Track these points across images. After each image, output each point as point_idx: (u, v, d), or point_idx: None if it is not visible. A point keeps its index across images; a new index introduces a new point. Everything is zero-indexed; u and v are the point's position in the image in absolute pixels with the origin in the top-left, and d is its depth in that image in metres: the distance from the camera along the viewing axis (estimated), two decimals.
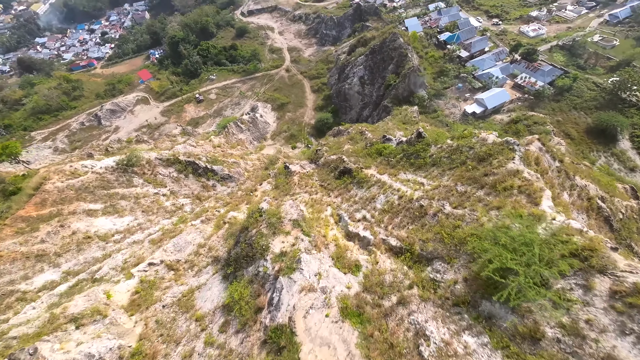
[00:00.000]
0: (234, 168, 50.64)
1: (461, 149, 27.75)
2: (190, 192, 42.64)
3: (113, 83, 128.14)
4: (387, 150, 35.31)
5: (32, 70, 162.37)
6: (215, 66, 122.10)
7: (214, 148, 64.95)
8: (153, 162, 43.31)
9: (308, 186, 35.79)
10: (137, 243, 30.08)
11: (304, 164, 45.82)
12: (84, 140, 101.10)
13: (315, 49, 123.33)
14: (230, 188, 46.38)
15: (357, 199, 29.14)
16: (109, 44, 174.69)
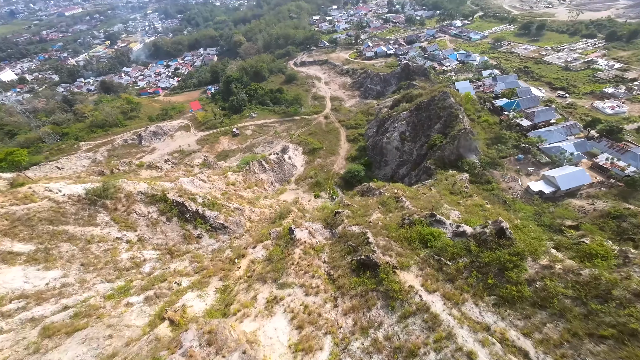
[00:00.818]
0: (233, 216, 39.38)
1: (598, 286, 13.29)
2: (164, 242, 31.65)
3: (167, 109, 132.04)
4: (439, 242, 21.71)
5: (110, 92, 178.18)
6: (259, 105, 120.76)
7: (227, 186, 55.33)
8: (134, 196, 33.87)
9: (309, 273, 22.73)
10: (22, 328, 18.52)
11: (316, 229, 33.05)
12: (121, 156, 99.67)
13: (357, 100, 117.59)
14: (219, 243, 34.63)
15: (382, 336, 15.31)
16: (177, 78, 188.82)
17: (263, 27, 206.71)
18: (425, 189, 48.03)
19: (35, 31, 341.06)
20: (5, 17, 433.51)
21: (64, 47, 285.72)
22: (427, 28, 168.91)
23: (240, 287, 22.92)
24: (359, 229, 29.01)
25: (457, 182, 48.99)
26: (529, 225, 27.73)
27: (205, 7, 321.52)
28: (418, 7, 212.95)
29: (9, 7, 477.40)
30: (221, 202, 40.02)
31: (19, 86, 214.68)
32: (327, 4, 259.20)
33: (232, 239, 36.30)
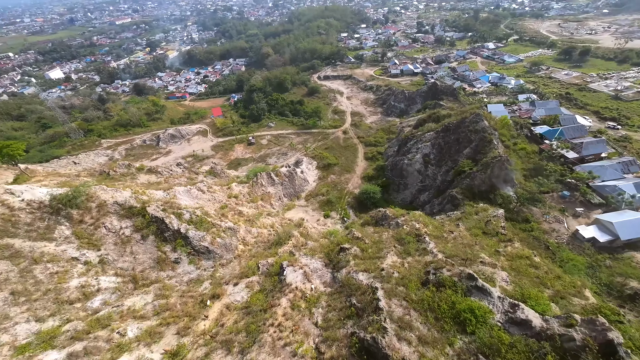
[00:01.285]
0: (223, 238, 33.33)
1: None
2: (131, 266, 26.03)
3: (189, 113, 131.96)
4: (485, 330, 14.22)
5: (142, 94, 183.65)
6: (278, 115, 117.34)
7: (228, 198, 49.84)
8: (107, 207, 28.88)
9: (290, 347, 15.63)
10: None
11: (314, 269, 26.15)
12: (137, 155, 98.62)
13: (379, 117, 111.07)
14: (199, 271, 28.52)
15: None
16: (205, 85, 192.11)
17: (292, 41, 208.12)
18: (452, 224, 39.82)
19: (88, 36, 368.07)
20: (66, 23, 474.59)
21: (109, 51, 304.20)
22: (458, 49, 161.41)
23: (196, 354, 16.48)
24: (367, 278, 21.88)
25: (492, 220, 40.39)
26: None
27: (239, 21, 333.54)
28: (449, 28, 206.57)
29: (70, 15, 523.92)
30: (212, 220, 34.20)
31: (63, 84, 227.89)
32: (356, 23, 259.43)
33: (216, 266, 30.10)
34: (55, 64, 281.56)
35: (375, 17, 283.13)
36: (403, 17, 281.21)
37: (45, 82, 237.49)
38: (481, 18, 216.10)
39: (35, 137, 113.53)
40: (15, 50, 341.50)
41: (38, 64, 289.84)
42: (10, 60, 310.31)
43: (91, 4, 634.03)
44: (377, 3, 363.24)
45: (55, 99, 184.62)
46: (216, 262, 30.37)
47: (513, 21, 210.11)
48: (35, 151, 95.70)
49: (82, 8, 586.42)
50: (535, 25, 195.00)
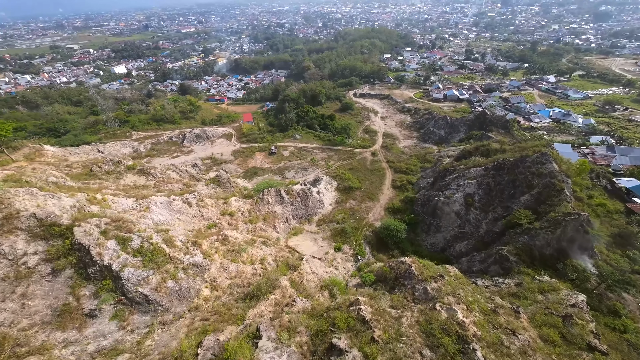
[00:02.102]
0: (179, 280, 23.60)
1: None
2: (11, 320, 17.10)
3: (222, 116, 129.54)
4: None
5: (186, 93, 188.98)
6: (305, 128, 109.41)
7: (221, 216, 40.84)
8: (18, 220, 20.72)
9: None
10: None
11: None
12: (160, 151, 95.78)
13: (414, 142, 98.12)
14: (121, 334, 18.84)
15: None
16: (244, 91, 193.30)
17: (333, 57, 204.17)
18: (508, 310, 26.31)
19: (155, 40, 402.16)
20: (141, 28, 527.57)
21: (169, 54, 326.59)
22: (511, 79, 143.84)
23: None
24: None
25: (572, 314, 26.17)
26: None
27: (288, 37, 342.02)
28: (501, 58, 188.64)
29: (146, 22, 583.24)
30: (171, 252, 24.88)
31: (124, 78, 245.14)
32: (401, 46, 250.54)
33: (153, 326, 20.28)
34: (123, 61, 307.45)
35: (421, 41, 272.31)
36: (451, 44, 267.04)
37: (110, 75, 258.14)
38: (539, 50, 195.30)
39: (81, 122, 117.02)
40: (95, 47, 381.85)
41: (109, 60, 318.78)
42: (89, 55, 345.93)
43: (165, 14, 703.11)
44: (425, 30, 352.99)
45: (113, 90, 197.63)
46: (156, 319, 20.69)
47: (577, 56, 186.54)
48: (71, 135, 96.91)
49: (158, 17, 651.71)
50: (605, 62, 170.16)
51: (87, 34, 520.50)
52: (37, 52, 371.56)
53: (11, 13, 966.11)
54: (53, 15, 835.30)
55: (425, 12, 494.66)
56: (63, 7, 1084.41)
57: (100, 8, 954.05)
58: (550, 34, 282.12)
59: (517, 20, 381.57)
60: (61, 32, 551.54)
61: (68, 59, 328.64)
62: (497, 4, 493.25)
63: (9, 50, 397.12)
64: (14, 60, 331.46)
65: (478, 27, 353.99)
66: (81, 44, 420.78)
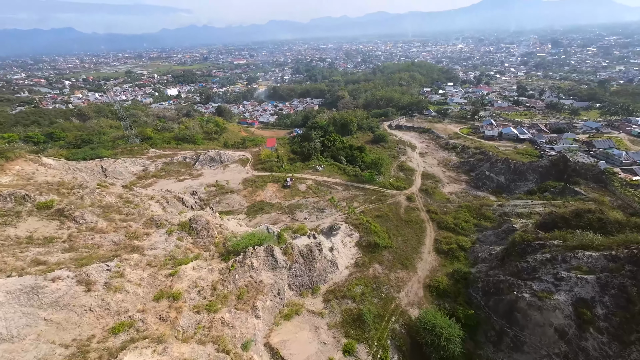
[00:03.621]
0: None
1: None
2: None
3: (246, 139, 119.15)
4: None
5: (222, 115, 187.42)
6: (330, 159, 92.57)
7: (156, 301, 23.40)
8: None
9: None
10: None
11: None
12: (169, 172, 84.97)
13: (462, 188, 75.19)
14: None
15: None
16: (276, 116, 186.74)
17: (369, 88, 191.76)
18: None
19: (209, 69, 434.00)
20: (201, 60, 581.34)
21: (218, 81, 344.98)
22: (584, 119, 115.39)
23: None
24: None
25: None
26: None
27: (327, 69, 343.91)
28: (563, 96, 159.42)
29: (207, 55, 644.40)
30: None
31: (173, 99, 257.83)
32: (442, 80, 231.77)
33: None
34: (178, 85, 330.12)
35: (464, 77, 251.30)
36: (498, 80, 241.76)
37: (162, 96, 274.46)
38: (612, 90, 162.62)
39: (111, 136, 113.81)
40: (160, 73, 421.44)
41: (167, 83, 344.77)
42: (153, 79, 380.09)
43: (225, 49, 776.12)
44: (468, 67, 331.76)
45: (159, 108, 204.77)
46: None
47: None
48: (88, 148, 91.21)
49: (217, 51, 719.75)
50: None
51: (158, 62, 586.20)
52: (113, 75, 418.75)
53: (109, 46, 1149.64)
54: (138, 48, 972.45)
55: (467, 51, 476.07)
56: (147, 42, 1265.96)
57: (175, 44, 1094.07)
58: (618, 74, 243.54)
59: (572, 60, 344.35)
60: (139, 61, 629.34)
61: (136, 81, 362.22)
62: (547, 45, 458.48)
63: (94, 73, 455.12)
64: (94, 81, 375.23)
65: (527, 65, 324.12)
66: (150, 70, 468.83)
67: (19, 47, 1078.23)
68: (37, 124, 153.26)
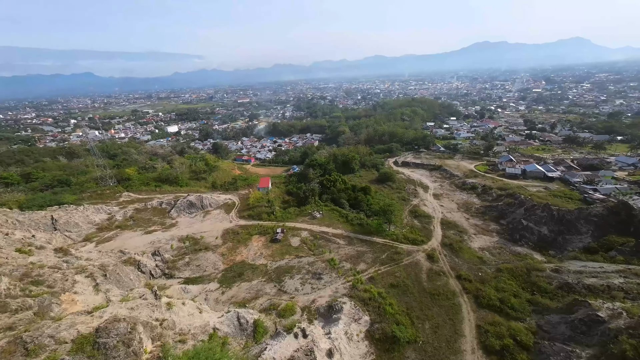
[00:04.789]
0: None
1: None
2: None
3: (237, 179, 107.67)
4: None
5: (217, 152, 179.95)
6: (330, 203, 79.25)
7: None
8: None
9: None
10: None
11: None
12: (139, 221, 71.51)
13: (495, 241, 60.21)
14: None
15: None
16: (275, 152, 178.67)
17: (371, 123, 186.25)
18: None
19: (213, 107, 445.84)
20: (207, 99, 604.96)
21: (220, 118, 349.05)
22: (612, 153, 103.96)
23: None
24: None
25: None
26: None
27: (328, 106, 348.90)
28: (577, 129, 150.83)
29: (213, 94, 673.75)
30: None
31: (172, 136, 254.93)
32: (444, 115, 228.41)
33: None
34: (179, 122, 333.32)
35: (466, 112, 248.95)
36: (501, 114, 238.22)
37: (162, 133, 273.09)
38: (628, 122, 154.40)
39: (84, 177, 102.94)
40: (165, 112, 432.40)
41: (170, 121, 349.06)
42: (157, 117, 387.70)
43: (230, 89, 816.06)
44: (467, 102, 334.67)
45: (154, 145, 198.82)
46: None
47: None
48: (50, 193, 79.39)
49: (223, 91, 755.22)
50: None
51: (165, 102, 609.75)
52: (120, 114, 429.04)
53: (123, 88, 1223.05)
54: (150, 90, 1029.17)
55: (463, 88, 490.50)
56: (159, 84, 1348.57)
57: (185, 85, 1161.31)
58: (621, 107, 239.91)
59: (570, 95, 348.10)
60: (147, 100, 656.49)
61: (140, 119, 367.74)
62: (540, 81, 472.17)
63: (102, 112, 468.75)
64: (100, 119, 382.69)
65: (526, 100, 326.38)
66: (156, 109, 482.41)
67: (39, 91, 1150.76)
68: (21, 162, 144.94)
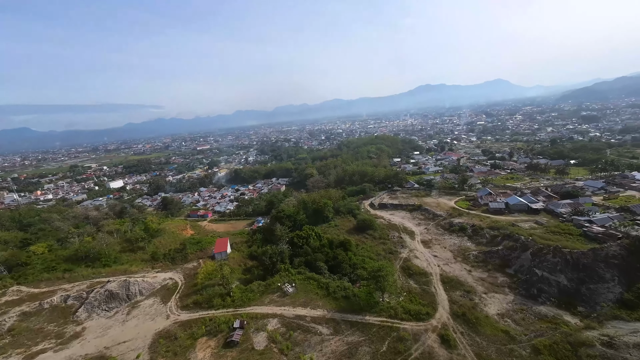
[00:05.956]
0: None
1: None
2: None
3: (187, 243, 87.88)
4: None
5: (168, 208, 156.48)
6: (304, 268, 63.94)
7: None
8: None
9: None
10: None
11: None
12: (22, 333, 48.17)
13: (511, 300, 49.57)
14: None
15: None
16: (237, 202, 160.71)
17: (339, 163, 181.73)
18: None
19: (168, 157, 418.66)
20: (162, 148, 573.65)
21: (176, 168, 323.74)
22: (577, 178, 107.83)
23: None
24: None
25: None
26: None
27: (293, 147, 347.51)
28: (532, 155, 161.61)
29: (170, 143, 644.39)
30: None
31: (114, 193, 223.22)
32: (408, 150, 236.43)
33: None
34: (127, 176, 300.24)
35: (426, 146, 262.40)
36: (458, 146, 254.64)
37: (103, 190, 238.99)
38: (569, 147, 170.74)
39: None
40: (111, 165, 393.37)
41: (114, 175, 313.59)
42: (100, 171, 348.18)
43: (190, 137, 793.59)
44: (424, 137, 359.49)
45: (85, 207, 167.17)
46: None
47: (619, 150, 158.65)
48: None
49: (182, 139, 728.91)
50: None
51: (114, 154, 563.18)
52: (55, 171, 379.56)
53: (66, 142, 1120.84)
54: (97, 142, 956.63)
55: (417, 124, 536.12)
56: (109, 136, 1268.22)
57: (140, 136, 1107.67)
58: (552, 134, 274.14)
59: (508, 125, 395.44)
60: (92, 154, 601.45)
61: (78, 175, 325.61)
62: (481, 115, 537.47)
63: (32, 171, 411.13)
64: (26, 179, 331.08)
65: (474, 132, 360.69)
66: (101, 163, 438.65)
67: None
68: None
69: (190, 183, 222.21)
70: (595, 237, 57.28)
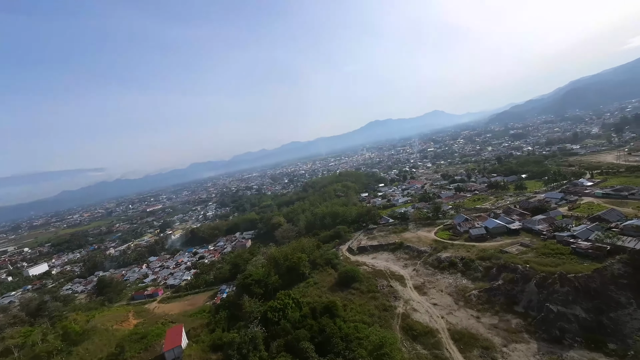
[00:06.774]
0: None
1: None
2: None
3: (125, 342, 66.98)
4: None
5: (105, 292, 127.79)
6: (285, 355, 50.15)
7: None
8: None
9: None
10: None
11: None
12: None
13: (536, 350, 42.34)
14: None
15: None
16: (195, 270, 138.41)
17: (307, 206, 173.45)
18: None
19: (111, 225, 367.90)
20: (104, 215, 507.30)
21: (120, 237, 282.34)
22: (534, 191, 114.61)
23: None
24: None
25: None
26: None
27: (256, 195, 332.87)
28: (486, 174, 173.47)
29: (114, 208, 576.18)
30: None
31: (34, 282, 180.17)
32: (373, 183, 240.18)
33: None
34: (55, 256, 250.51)
35: (389, 177, 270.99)
36: (417, 173, 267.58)
37: (19, 280, 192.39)
38: (514, 162, 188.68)
39: None
40: (34, 245, 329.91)
41: (38, 257, 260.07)
42: (20, 255, 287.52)
43: (138, 198, 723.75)
44: (383, 168, 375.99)
45: None
46: None
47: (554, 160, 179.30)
48: None
49: (129, 202, 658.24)
50: (591, 159, 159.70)
51: (41, 231, 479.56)
52: None
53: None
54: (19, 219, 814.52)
55: (375, 157, 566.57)
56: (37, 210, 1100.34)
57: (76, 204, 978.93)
58: (495, 152, 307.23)
59: (455, 149, 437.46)
60: (12, 234, 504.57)
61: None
62: (429, 142, 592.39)
63: None
64: None
65: (428, 158, 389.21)
66: (22, 244, 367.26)
67: None
68: None
69: (137, 253, 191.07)
70: (586, 254, 55.59)
